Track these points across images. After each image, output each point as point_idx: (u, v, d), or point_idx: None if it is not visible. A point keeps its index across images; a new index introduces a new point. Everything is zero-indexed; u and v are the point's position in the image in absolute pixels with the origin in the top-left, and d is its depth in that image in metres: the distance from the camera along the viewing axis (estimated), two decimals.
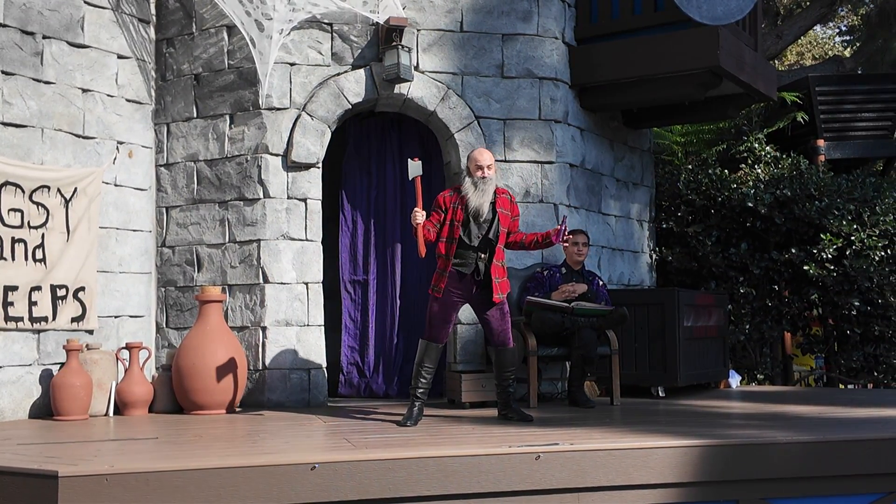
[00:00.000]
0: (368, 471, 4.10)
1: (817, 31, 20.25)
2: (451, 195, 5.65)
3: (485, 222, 5.60)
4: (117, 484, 3.84)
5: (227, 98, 7.16)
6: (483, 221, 5.59)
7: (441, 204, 5.63)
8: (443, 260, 5.60)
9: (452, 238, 5.57)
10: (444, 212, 5.61)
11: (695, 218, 9.28)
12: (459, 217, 5.56)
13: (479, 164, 5.57)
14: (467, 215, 5.56)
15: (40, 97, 6.47)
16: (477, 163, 5.58)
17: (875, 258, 8.72)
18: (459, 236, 5.56)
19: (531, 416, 5.66)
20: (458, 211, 5.57)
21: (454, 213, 5.57)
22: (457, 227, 5.57)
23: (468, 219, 5.56)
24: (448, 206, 5.60)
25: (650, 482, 4.38)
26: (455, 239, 5.56)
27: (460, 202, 5.58)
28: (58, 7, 6.61)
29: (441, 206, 5.63)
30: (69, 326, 6.51)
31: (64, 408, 6.14)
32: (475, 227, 5.58)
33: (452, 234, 5.57)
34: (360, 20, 7.10)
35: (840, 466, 4.57)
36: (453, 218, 5.57)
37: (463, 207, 5.57)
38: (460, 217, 5.56)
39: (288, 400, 6.86)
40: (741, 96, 8.32)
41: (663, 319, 7.22)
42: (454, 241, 5.56)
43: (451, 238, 5.57)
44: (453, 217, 5.57)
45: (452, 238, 5.57)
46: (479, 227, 5.59)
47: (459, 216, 5.56)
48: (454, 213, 5.57)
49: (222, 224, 7.12)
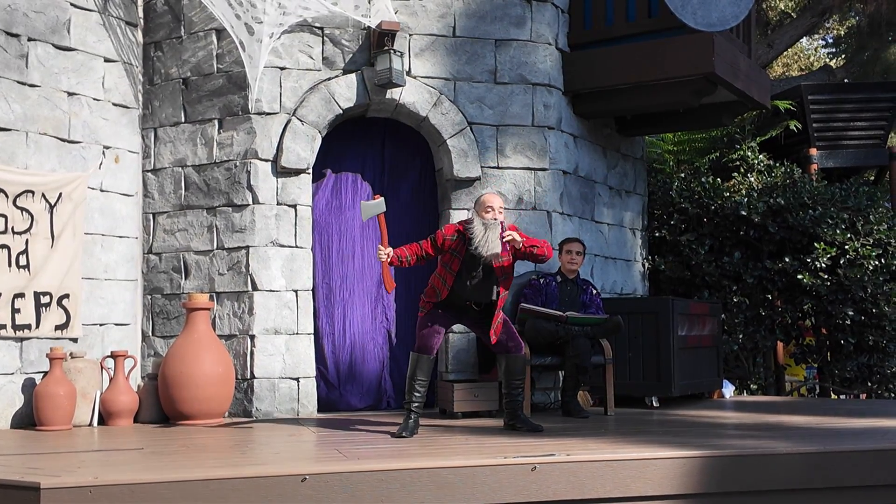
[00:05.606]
0: (360, 482, 4.02)
1: (803, 42, 20.33)
2: (453, 238, 5.44)
3: (487, 265, 5.45)
4: (101, 496, 3.77)
5: (215, 102, 7.07)
6: (486, 263, 5.44)
7: (439, 240, 5.45)
8: (439, 283, 5.49)
9: (451, 270, 5.45)
10: (439, 246, 5.45)
11: (688, 226, 9.23)
12: (462, 252, 5.42)
13: (489, 206, 5.35)
14: (469, 253, 5.40)
15: (25, 100, 6.37)
16: (487, 204, 5.36)
17: (869, 267, 8.68)
18: (459, 269, 5.44)
19: (541, 427, 5.55)
20: (462, 248, 5.41)
21: (457, 246, 5.42)
22: (457, 260, 5.44)
23: (470, 256, 5.41)
24: (447, 245, 5.44)
25: (648, 494, 4.32)
26: (454, 272, 5.44)
27: (464, 241, 5.41)
28: (44, 9, 6.51)
29: (438, 241, 5.45)
30: (53, 334, 6.40)
31: (47, 417, 6.04)
32: (476, 266, 5.43)
33: (451, 266, 5.45)
34: (352, 24, 7.03)
35: (840, 478, 4.52)
36: (453, 251, 5.43)
37: (466, 243, 5.40)
38: (462, 253, 5.42)
39: (277, 409, 6.76)
40: (735, 104, 8.30)
41: (657, 329, 7.15)
42: (452, 274, 5.45)
43: (449, 269, 5.45)
44: (454, 251, 5.43)
45: (451, 270, 5.45)
46: (480, 267, 5.44)
47: (462, 252, 5.42)
48: (457, 246, 5.42)
49: (210, 230, 7.02)
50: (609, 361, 6.65)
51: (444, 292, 5.47)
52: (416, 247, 5.49)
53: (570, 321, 6.50)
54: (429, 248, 5.48)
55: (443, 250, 5.48)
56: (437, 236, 5.48)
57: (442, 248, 5.47)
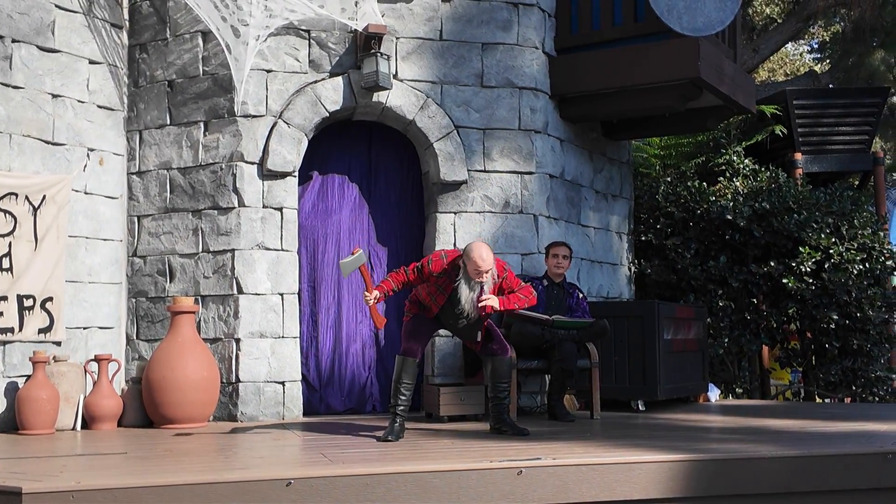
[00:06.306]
0: (345, 486, 4.01)
1: (788, 47, 20.44)
2: (439, 276, 5.43)
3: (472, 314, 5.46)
4: (84, 501, 3.74)
5: (201, 105, 7.04)
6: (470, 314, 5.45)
7: (425, 273, 5.43)
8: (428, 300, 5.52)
9: (436, 302, 5.48)
10: (425, 278, 5.46)
11: (673, 230, 9.25)
12: (447, 291, 5.44)
13: (478, 270, 5.29)
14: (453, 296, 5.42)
15: (8, 102, 6.32)
16: (477, 268, 5.29)
17: (853, 272, 8.72)
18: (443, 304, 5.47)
19: (527, 430, 5.53)
20: (448, 286, 5.42)
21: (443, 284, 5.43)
22: (443, 296, 5.46)
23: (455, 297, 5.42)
24: (433, 281, 5.45)
25: (634, 497, 4.32)
26: (439, 305, 5.48)
27: (450, 280, 5.41)
28: (28, 10, 6.47)
29: (424, 274, 5.44)
30: (36, 338, 6.35)
31: (29, 422, 5.99)
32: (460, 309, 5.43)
33: (437, 299, 5.47)
34: (339, 27, 7.01)
35: (824, 482, 4.53)
36: (439, 287, 5.45)
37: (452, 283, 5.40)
38: (448, 291, 5.44)
39: (262, 413, 6.72)
40: (721, 108, 8.32)
41: (643, 332, 7.16)
42: (438, 306, 5.49)
43: (434, 300, 5.48)
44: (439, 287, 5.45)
45: (436, 302, 5.48)
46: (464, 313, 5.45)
47: (448, 290, 5.44)
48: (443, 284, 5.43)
49: (195, 233, 6.99)
50: (595, 365, 6.65)
51: (434, 310, 5.54)
52: (401, 275, 5.49)
53: (556, 325, 6.50)
54: (413, 279, 5.50)
55: (427, 281, 5.50)
56: (423, 270, 5.46)
57: (427, 280, 5.49)
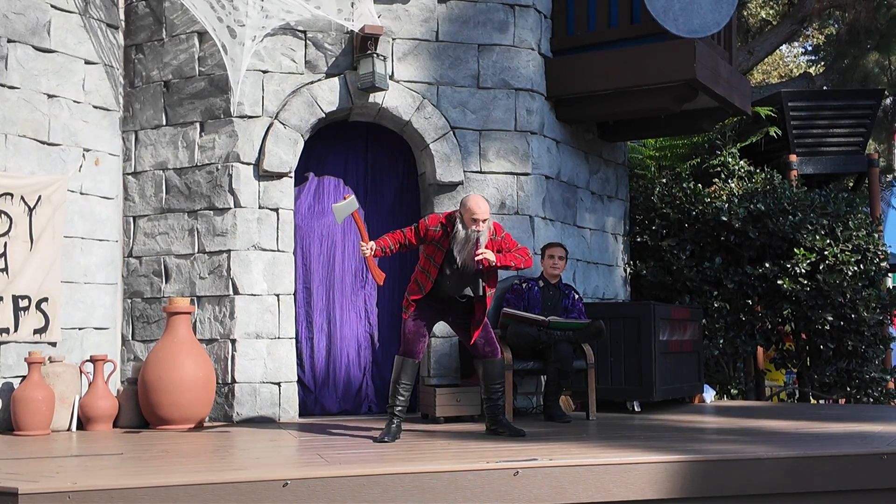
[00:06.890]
0: (342, 487, 4.00)
1: (783, 50, 20.48)
2: (436, 229, 5.44)
3: (469, 266, 5.44)
4: (80, 501, 3.73)
5: (197, 105, 7.03)
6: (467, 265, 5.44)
7: (422, 230, 5.45)
8: (423, 277, 5.48)
9: (434, 262, 5.44)
10: (423, 237, 5.46)
11: (669, 232, 9.26)
12: (445, 245, 5.42)
13: (474, 218, 5.34)
14: (451, 250, 5.40)
15: (4, 102, 6.31)
16: (473, 215, 5.34)
17: (848, 273, 8.74)
18: (441, 263, 5.42)
19: (523, 431, 5.52)
20: (446, 240, 5.41)
21: (440, 238, 5.42)
22: (440, 253, 5.42)
23: (452, 254, 5.40)
24: (430, 236, 5.44)
25: (630, 498, 4.32)
26: (437, 264, 5.43)
27: (447, 234, 5.41)
28: (24, 10, 6.46)
29: (421, 232, 5.45)
30: (31, 338, 6.34)
31: (25, 422, 5.97)
32: (458, 263, 5.41)
33: (434, 258, 5.44)
34: (335, 28, 7.01)
35: (819, 483, 4.53)
36: (437, 243, 5.43)
37: (449, 241, 5.40)
38: (446, 245, 5.42)
39: (258, 414, 6.72)
40: (716, 110, 8.34)
41: (639, 333, 7.17)
42: (436, 266, 5.44)
43: (433, 262, 5.44)
44: (437, 243, 5.43)
45: (434, 262, 5.44)
46: (462, 265, 5.43)
47: (445, 245, 5.42)
48: (440, 239, 5.42)
49: (191, 234, 6.98)
50: (591, 366, 6.65)
51: (428, 285, 5.45)
52: (398, 235, 5.51)
53: (552, 326, 6.50)
54: (411, 237, 5.50)
55: (425, 241, 5.48)
56: (420, 227, 5.49)
57: (424, 239, 5.48)
